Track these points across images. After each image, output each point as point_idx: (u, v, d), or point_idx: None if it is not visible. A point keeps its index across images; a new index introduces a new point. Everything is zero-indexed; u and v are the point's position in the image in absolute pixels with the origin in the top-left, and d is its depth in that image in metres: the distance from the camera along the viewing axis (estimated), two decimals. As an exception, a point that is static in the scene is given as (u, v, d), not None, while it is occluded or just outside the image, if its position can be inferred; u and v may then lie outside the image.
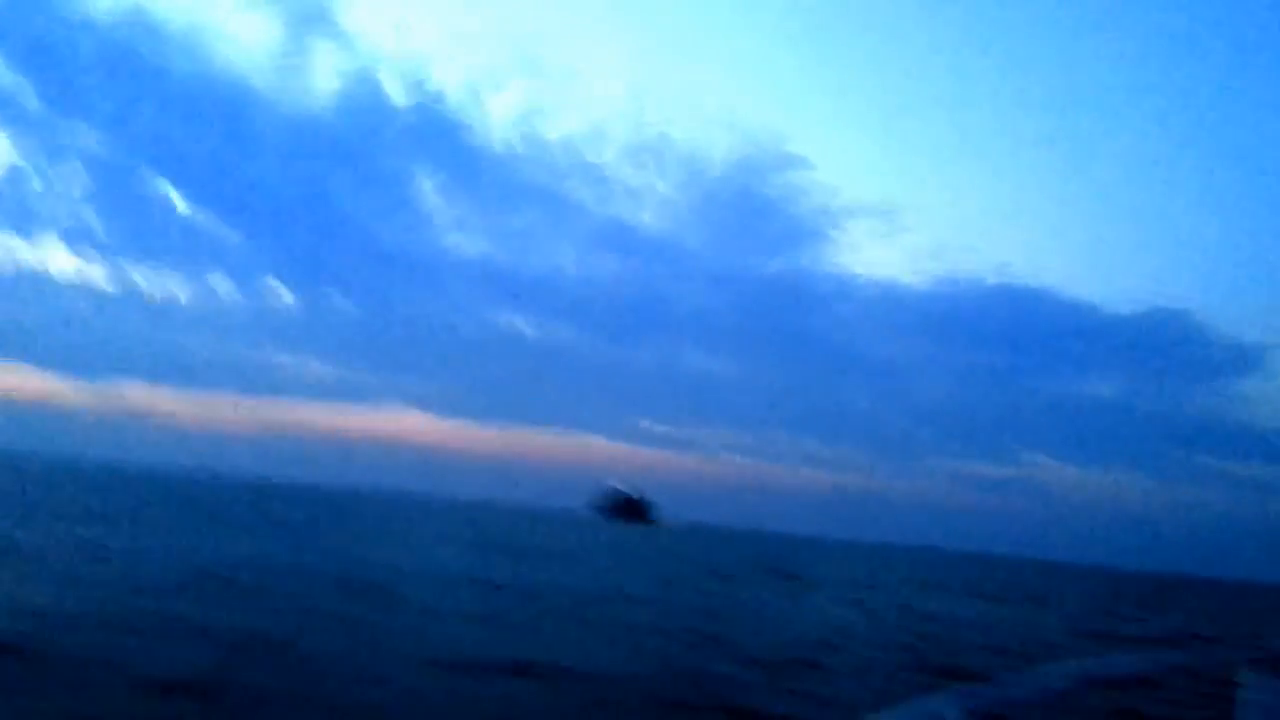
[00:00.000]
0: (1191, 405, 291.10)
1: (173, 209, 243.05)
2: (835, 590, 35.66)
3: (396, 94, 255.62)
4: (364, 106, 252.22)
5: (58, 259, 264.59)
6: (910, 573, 63.21)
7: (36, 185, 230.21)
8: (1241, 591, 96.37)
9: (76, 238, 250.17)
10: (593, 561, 38.41)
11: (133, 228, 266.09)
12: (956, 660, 15.94)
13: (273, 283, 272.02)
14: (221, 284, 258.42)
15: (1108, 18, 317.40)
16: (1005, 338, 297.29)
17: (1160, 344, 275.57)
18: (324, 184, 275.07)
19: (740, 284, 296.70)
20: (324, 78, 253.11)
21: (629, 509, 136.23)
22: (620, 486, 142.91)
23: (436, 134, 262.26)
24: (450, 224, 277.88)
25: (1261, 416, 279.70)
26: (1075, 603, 45.59)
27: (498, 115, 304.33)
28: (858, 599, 31.48)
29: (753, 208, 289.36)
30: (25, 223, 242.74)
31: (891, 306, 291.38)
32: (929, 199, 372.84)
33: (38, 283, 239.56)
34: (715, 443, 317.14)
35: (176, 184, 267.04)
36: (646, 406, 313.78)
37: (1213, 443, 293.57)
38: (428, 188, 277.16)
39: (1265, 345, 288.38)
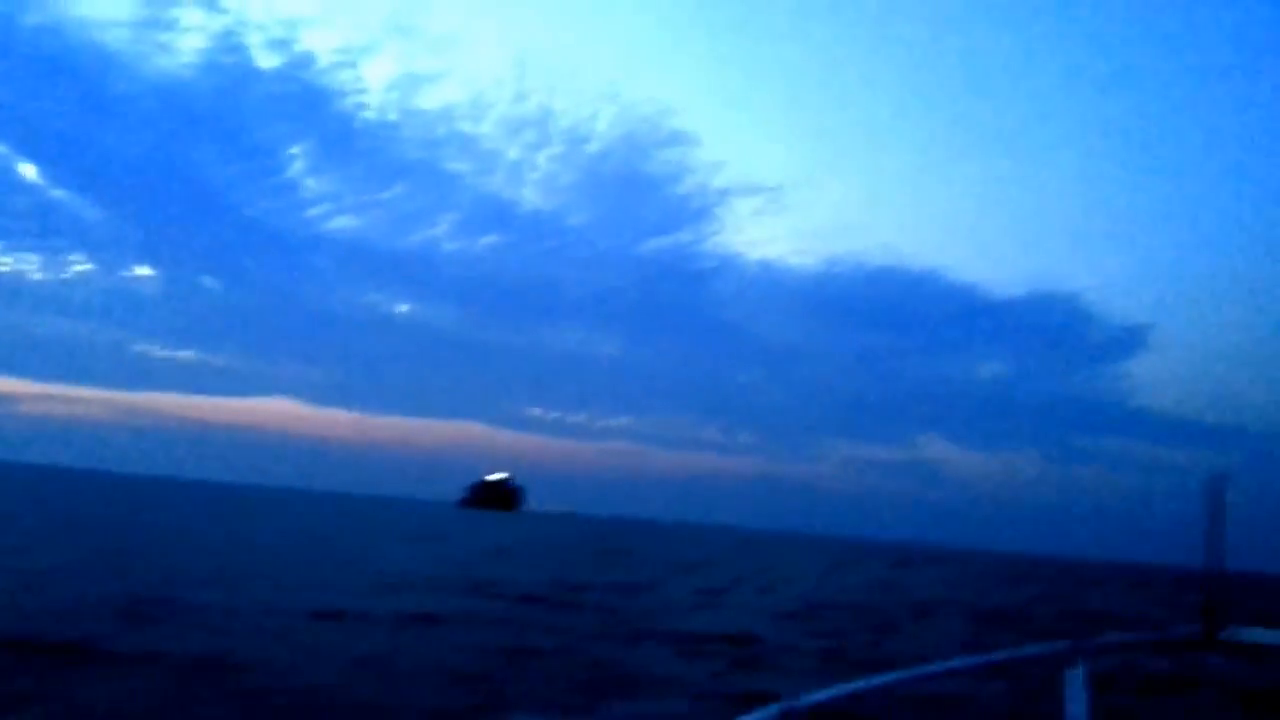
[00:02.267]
0: (1078, 387, 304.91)
1: (23, 181, 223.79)
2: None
3: (264, 58, 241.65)
4: (229, 71, 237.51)
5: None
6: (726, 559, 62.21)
7: None
8: (1123, 573, 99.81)
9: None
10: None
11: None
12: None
13: (135, 264, 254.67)
14: (80, 265, 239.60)
15: (998, 1, 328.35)
16: (893, 319, 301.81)
17: (1046, 326, 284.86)
18: (189, 155, 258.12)
19: (625, 263, 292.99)
20: (187, 38, 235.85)
21: (494, 497, 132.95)
22: (491, 475, 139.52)
23: (306, 101, 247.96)
24: (322, 197, 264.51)
25: (1146, 396, 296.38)
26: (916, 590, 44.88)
27: (371, 82, 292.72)
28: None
29: (637, 184, 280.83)
30: None
31: (778, 287, 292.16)
32: (816, 178, 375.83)
33: None
34: (604, 429, 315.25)
35: (26, 154, 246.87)
36: (533, 392, 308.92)
37: (1099, 423, 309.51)
38: (298, 160, 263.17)
39: (1149, 325, 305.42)
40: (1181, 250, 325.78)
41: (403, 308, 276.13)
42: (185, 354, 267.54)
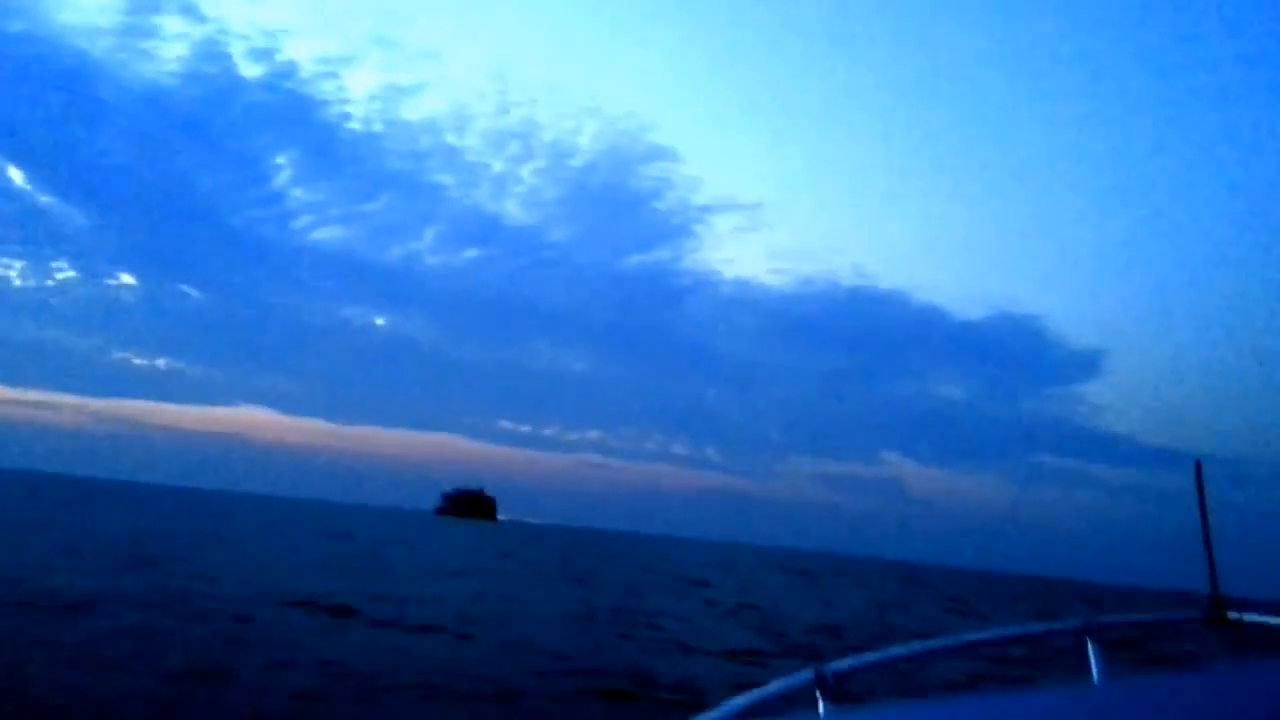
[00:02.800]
0: (1036, 408, 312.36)
1: (10, 187, 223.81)
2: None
3: (247, 67, 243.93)
4: (213, 79, 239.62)
5: None
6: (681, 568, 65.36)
7: None
8: (1060, 589, 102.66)
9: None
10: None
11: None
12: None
13: (118, 271, 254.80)
14: (64, 271, 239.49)
15: (973, 25, 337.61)
16: (859, 340, 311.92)
17: (1007, 349, 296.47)
18: (175, 164, 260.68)
19: (604, 280, 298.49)
20: (169, 46, 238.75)
21: (471, 506, 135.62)
22: (466, 484, 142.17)
23: (291, 110, 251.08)
24: (307, 208, 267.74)
25: (1103, 419, 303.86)
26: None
27: (355, 93, 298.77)
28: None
29: (619, 200, 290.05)
30: None
31: (752, 305, 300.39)
32: (793, 196, 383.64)
33: None
34: (576, 442, 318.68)
35: (13, 159, 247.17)
36: (506, 405, 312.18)
37: (1057, 444, 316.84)
38: (284, 170, 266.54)
39: (1105, 350, 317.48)
40: (1137, 276, 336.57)
41: (381, 320, 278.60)
42: (162, 362, 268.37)
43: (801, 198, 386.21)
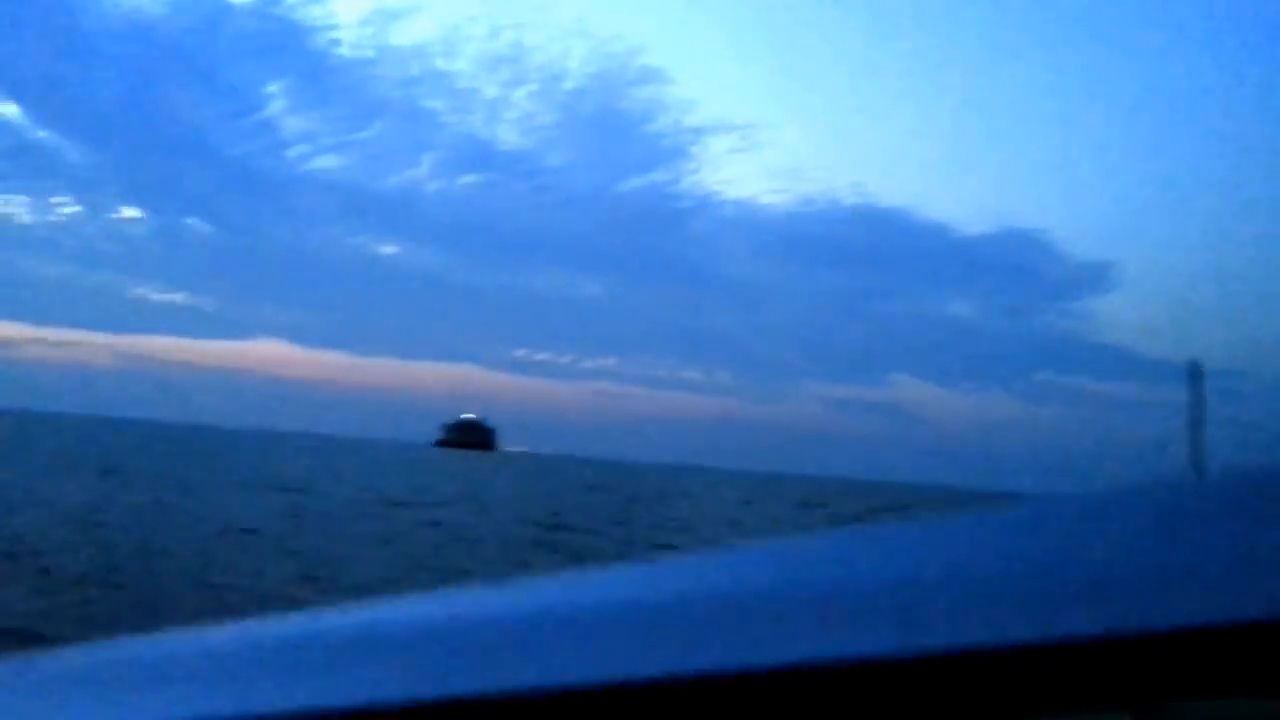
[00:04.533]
0: (1043, 323, 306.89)
1: (5, 121, 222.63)
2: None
3: None
4: (201, 6, 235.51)
5: None
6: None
7: None
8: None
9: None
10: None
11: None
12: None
13: (122, 206, 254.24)
14: (67, 206, 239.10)
15: None
16: (863, 258, 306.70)
17: (1012, 264, 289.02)
18: (167, 95, 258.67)
19: (605, 203, 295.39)
20: None
21: (469, 437, 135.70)
22: (468, 415, 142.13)
23: (280, 38, 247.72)
24: (301, 137, 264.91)
25: (1107, 333, 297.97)
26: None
27: (344, 18, 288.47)
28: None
29: (613, 123, 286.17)
30: None
31: (752, 226, 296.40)
32: (788, 115, 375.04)
33: None
34: (590, 370, 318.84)
35: (7, 94, 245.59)
36: (519, 333, 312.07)
37: (1061, 360, 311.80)
38: (276, 99, 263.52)
39: (1111, 263, 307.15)
40: (1145, 187, 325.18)
41: (389, 249, 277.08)
42: (177, 297, 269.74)
43: (797, 115, 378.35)
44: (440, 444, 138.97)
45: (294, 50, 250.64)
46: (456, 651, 0.64)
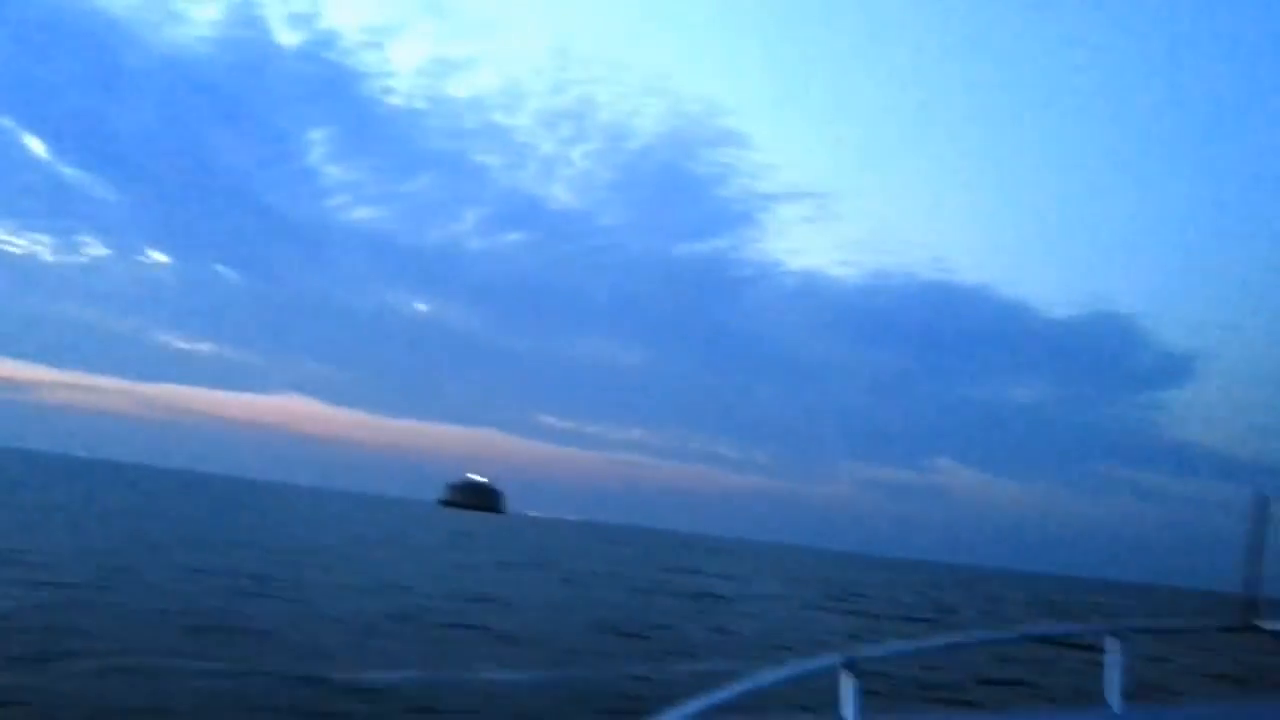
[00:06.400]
0: (1117, 414, 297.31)
1: (30, 158, 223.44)
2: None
3: (284, 34, 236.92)
4: (247, 47, 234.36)
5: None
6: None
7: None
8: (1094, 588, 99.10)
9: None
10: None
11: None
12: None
13: (150, 249, 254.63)
14: (93, 248, 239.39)
15: (1062, 12, 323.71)
16: (934, 337, 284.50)
17: (1095, 349, 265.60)
18: (204, 136, 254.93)
19: (657, 268, 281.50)
20: (200, 7, 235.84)
21: (475, 497, 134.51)
22: (475, 476, 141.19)
23: (329, 83, 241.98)
24: (342, 187, 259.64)
25: (1187, 429, 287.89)
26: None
27: (399, 66, 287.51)
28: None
29: (677, 185, 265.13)
30: None
31: (818, 299, 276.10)
32: (867, 184, 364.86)
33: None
34: (618, 441, 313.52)
35: (33, 129, 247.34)
36: (548, 400, 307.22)
37: (1131, 453, 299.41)
38: (318, 146, 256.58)
39: (1199, 354, 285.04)
40: (1243, 275, 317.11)
41: (421, 306, 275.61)
42: (203, 346, 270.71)
43: (876, 186, 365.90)
44: (444, 503, 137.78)
45: (342, 97, 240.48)
46: None
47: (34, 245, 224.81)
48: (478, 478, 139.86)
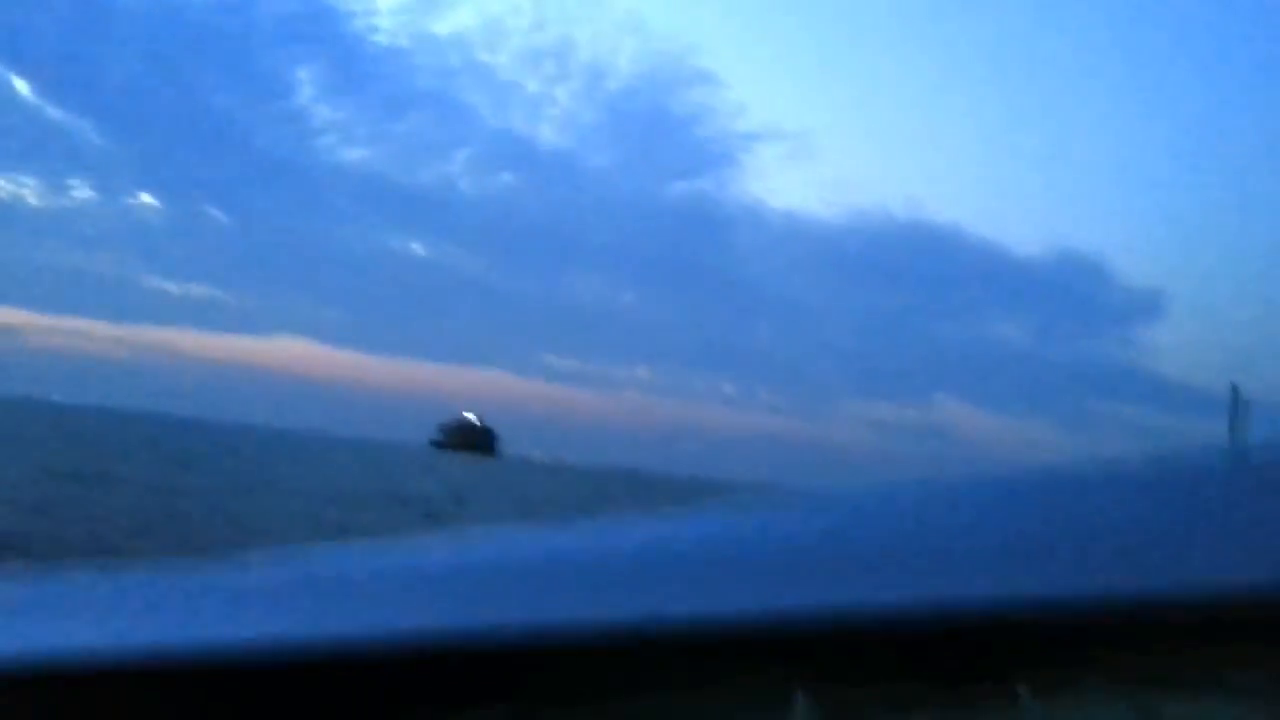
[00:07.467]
0: (1092, 350, 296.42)
1: (15, 98, 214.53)
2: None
3: None
4: None
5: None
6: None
7: None
8: None
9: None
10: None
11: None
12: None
13: (138, 191, 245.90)
14: (80, 190, 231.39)
15: None
16: (914, 275, 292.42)
17: (1066, 287, 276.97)
18: (190, 76, 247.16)
19: (646, 207, 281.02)
20: None
21: (466, 440, 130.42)
22: (468, 415, 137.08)
23: (314, 21, 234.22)
24: (331, 127, 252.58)
25: (1158, 362, 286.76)
26: None
27: (382, 3, 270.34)
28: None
29: (659, 125, 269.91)
30: None
31: (801, 239, 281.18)
32: (842, 124, 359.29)
33: None
34: (623, 380, 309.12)
35: (17, 69, 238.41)
36: (551, 339, 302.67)
37: (1116, 389, 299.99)
38: (306, 86, 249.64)
39: (1167, 291, 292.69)
40: (1204, 214, 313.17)
41: (417, 246, 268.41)
42: (194, 288, 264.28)
43: (851, 126, 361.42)
44: (436, 445, 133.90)
45: (328, 35, 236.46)
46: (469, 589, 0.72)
47: (19, 188, 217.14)
48: (471, 417, 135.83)
